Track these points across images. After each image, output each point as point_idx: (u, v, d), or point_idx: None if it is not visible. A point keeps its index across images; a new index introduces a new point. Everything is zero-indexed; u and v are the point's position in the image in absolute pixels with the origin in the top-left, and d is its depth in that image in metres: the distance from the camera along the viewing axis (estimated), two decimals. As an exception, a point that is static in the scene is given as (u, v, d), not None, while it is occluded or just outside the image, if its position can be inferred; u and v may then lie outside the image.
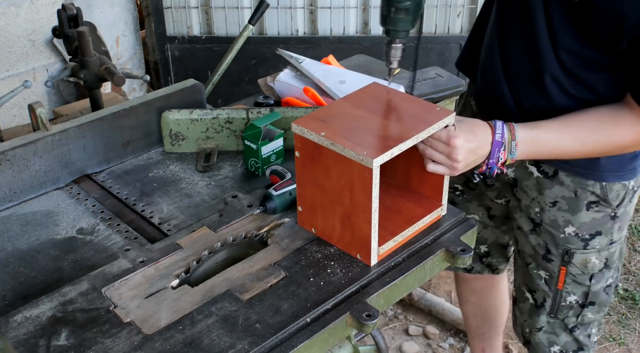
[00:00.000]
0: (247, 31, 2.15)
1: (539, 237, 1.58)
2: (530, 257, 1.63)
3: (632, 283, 2.83)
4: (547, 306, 1.63)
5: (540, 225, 1.56)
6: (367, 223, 1.16)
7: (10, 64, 2.66)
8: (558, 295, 1.60)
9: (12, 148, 1.51)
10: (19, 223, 1.47)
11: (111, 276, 1.19)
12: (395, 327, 2.65)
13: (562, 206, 1.52)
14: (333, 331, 1.11)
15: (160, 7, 3.36)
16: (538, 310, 1.65)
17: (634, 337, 2.60)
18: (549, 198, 1.52)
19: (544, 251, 1.58)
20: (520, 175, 1.56)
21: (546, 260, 1.59)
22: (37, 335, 1.07)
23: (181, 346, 1.05)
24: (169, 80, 3.51)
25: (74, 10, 2.06)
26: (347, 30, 3.39)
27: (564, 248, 1.54)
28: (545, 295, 1.62)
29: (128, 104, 1.70)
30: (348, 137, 1.16)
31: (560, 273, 1.57)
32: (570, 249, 1.54)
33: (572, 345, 1.66)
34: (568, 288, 1.58)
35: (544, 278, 1.61)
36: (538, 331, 1.67)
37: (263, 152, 1.58)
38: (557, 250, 1.56)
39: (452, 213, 1.36)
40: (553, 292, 1.60)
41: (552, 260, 1.58)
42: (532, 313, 1.68)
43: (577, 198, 1.49)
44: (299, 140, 1.22)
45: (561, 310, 1.62)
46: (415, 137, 1.18)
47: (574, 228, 1.52)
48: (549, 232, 1.55)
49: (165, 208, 1.51)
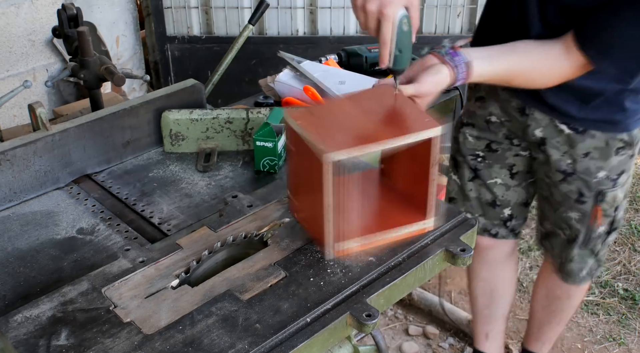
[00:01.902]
0: (247, 31, 2.15)
1: (571, 184, 1.73)
2: (560, 203, 1.78)
3: (632, 283, 2.83)
4: (579, 240, 1.81)
5: (573, 174, 1.72)
6: (322, 217, 1.16)
7: (10, 64, 2.67)
8: (589, 230, 1.78)
9: (12, 148, 1.51)
10: (19, 223, 1.47)
11: (111, 276, 1.19)
12: (395, 327, 2.65)
13: (594, 155, 1.67)
14: (333, 331, 1.11)
15: (160, 7, 3.36)
16: (571, 244, 1.84)
17: (634, 337, 2.60)
18: (582, 150, 1.67)
19: (576, 196, 1.74)
20: (550, 133, 1.70)
21: (579, 202, 1.75)
22: (37, 335, 1.07)
23: (181, 346, 1.05)
24: (169, 80, 3.51)
25: (74, 10, 2.06)
26: (347, 30, 3.39)
27: (597, 190, 1.72)
28: (577, 232, 1.80)
29: (128, 104, 1.70)
30: (320, 131, 1.14)
31: (595, 211, 1.75)
32: (603, 190, 1.72)
33: (595, 264, 1.90)
34: (600, 222, 1.77)
35: (576, 218, 1.78)
36: (571, 262, 1.88)
37: (278, 148, 1.59)
38: (590, 193, 1.72)
39: (452, 214, 1.36)
40: (585, 227, 1.79)
41: (585, 202, 1.75)
42: (564, 246, 1.87)
43: (608, 147, 1.66)
44: (288, 129, 1.22)
45: (592, 241, 1.82)
46: (382, 142, 1.14)
47: (605, 172, 1.69)
48: (581, 179, 1.71)
49: (165, 208, 1.51)
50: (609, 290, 2.80)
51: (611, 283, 2.82)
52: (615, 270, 2.90)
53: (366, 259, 1.23)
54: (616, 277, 2.86)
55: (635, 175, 3.52)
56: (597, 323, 2.66)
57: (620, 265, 2.93)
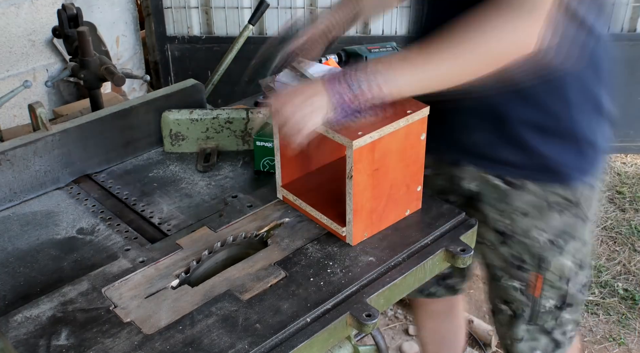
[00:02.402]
0: (247, 31, 2.15)
1: (511, 248, 1.53)
2: (501, 269, 1.58)
3: (632, 283, 2.83)
4: (525, 315, 1.59)
5: (513, 236, 1.51)
6: None
7: (10, 64, 2.67)
8: (536, 303, 1.56)
9: (12, 148, 1.51)
10: (19, 223, 1.47)
11: (111, 276, 1.19)
12: (395, 327, 2.65)
13: (533, 215, 1.46)
14: (333, 331, 1.11)
15: (160, 7, 3.36)
16: (517, 320, 1.61)
17: (634, 337, 2.60)
18: (519, 209, 1.47)
19: (518, 262, 1.53)
20: (484, 188, 1.50)
21: (521, 270, 1.54)
22: (37, 335, 1.07)
23: (181, 346, 1.05)
24: (169, 80, 3.51)
25: (74, 10, 2.06)
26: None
27: (540, 257, 1.50)
28: (522, 305, 1.58)
29: (128, 104, 1.70)
30: None
31: (538, 281, 1.53)
32: (546, 256, 1.49)
33: (550, 345, 1.63)
34: (546, 294, 1.55)
35: (520, 289, 1.56)
36: (519, 342, 1.64)
37: None
38: (532, 259, 1.51)
39: (452, 214, 1.36)
40: (531, 300, 1.56)
41: (527, 270, 1.53)
42: (510, 324, 1.63)
43: (549, 205, 1.45)
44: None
45: (540, 317, 1.58)
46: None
47: (547, 235, 1.47)
48: (521, 242, 1.50)
49: (165, 208, 1.51)
50: (609, 290, 2.80)
51: (611, 283, 2.82)
52: (615, 270, 2.90)
53: (366, 259, 1.23)
54: (616, 277, 2.86)
55: (636, 175, 3.52)
56: (597, 323, 2.66)
57: (620, 265, 2.93)
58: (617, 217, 3.21)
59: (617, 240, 3.07)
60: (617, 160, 3.66)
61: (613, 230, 3.13)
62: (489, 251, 1.57)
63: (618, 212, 3.24)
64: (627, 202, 3.31)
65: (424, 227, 1.32)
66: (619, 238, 3.08)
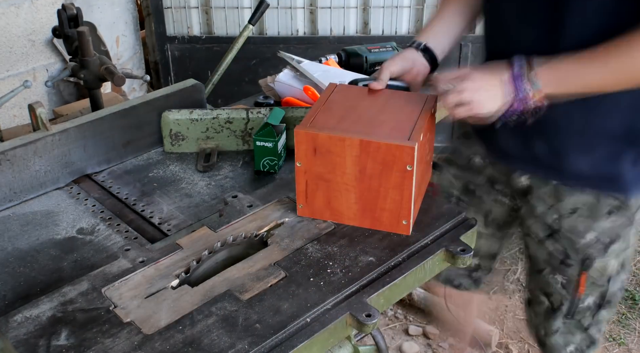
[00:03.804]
0: (247, 31, 2.15)
1: (557, 243, 1.55)
2: (544, 262, 1.60)
3: (632, 283, 2.83)
4: (564, 309, 1.61)
5: (559, 231, 1.53)
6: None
7: (10, 64, 2.67)
8: (576, 298, 1.58)
9: (12, 148, 1.51)
10: (19, 223, 1.47)
11: (111, 276, 1.19)
12: (395, 327, 2.65)
13: (582, 213, 1.49)
14: (333, 331, 1.11)
15: (160, 7, 3.36)
16: (554, 313, 1.63)
17: (634, 337, 2.60)
18: (569, 205, 1.49)
19: (562, 256, 1.55)
20: (536, 182, 1.54)
21: (565, 265, 1.56)
22: (37, 335, 1.07)
23: (181, 346, 1.05)
24: (169, 80, 3.51)
25: (74, 10, 2.06)
26: (347, 30, 3.39)
27: (585, 254, 1.52)
28: (562, 299, 1.60)
29: (128, 104, 1.70)
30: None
31: (581, 278, 1.55)
32: (591, 255, 1.52)
33: (585, 341, 1.66)
34: (587, 291, 1.57)
35: (561, 283, 1.59)
36: (554, 333, 1.66)
37: (278, 148, 1.59)
38: (577, 256, 1.53)
39: (452, 214, 1.36)
40: (571, 295, 1.58)
41: (571, 265, 1.55)
42: (547, 316, 1.66)
43: (599, 205, 1.47)
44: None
45: (578, 312, 1.61)
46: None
47: (595, 234, 1.49)
48: (568, 238, 1.52)
49: (165, 208, 1.51)
50: (609, 290, 2.80)
51: (611, 283, 2.82)
52: (615, 270, 2.90)
53: (366, 259, 1.23)
54: (616, 277, 2.86)
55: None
56: (597, 323, 2.66)
57: (620, 265, 2.93)
58: (617, 217, 3.20)
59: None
60: (617, 160, 3.66)
61: (613, 230, 3.13)
62: (534, 243, 1.61)
63: (618, 212, 3.24)
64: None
65: (424, 227, 1.32)
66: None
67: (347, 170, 1.26)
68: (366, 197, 1.28)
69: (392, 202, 1.27)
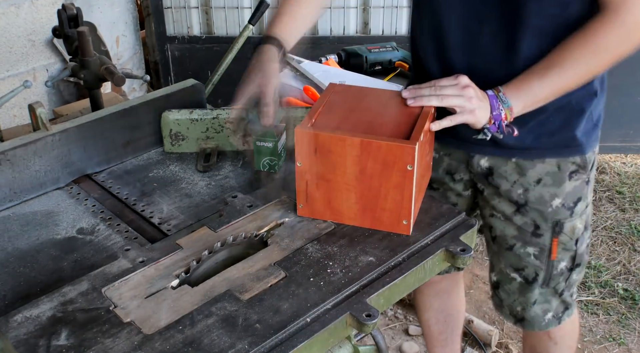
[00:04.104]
0: (247, 31, 2.15)
1: (525, 216, 1.60)
2: (514, 238, 1.64)
3: (632, 283, 2.83)
4: (539, 279, 1.66)
5: (526, 205, 1.59)
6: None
7: (10, 64, 2.67)
8: (550, 266, 1.64)
9: (12, 148, 1.51)
10: (19, 223, 1.47)
11: (111, 276, 1.19)
12: (395, 327, 2.65)
13: (547, 181, 1.55)
14: (333, 331, 1.11)
15: (160, 7, 3.36)
16: (530, 285, 1.68)
17: (634, 337, 2.60)
18: (532, 177, 1.55)
19: (532, 228, 1.61)
20: (497, 162, 1.57)
21: (536, 236, 1.61)
22: (37, 335, 1.07)
23: (181, 346, 1.05)
24: (169, 80, 3.51)
25: (74, 10, 2.07)
26: (347, 30, 3.39)
27: (554, 220, 1.58)
28: (537, 269, 1.65)
29: (128, 104, 1.70)
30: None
31: (553, 244, 1.61)
32: (560, 220, 1.58)
33: (561, 307, 1.72)
34: (559, 257, 1.63)
35: (533, 254, 1.64)
36: (533, 305, 1.70)
37: (278, 148, 1.59)
38: (547, 224, 1.59)
39: (452, 214, 1.36)
40: (545, 264, 1.64)
41: (541, 235, 1.61)
42: (523, 290, 1.70)
43: (561, 171, 1.54)
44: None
45: (553, 279, 1.66)
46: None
47: (560, 200, 1.56)
48: (536, 209, 1.58)
49: (165, 208, 1.51)
50: (608, 290, 2.80)
51: (611, 283, 2.82)
52: (615, 270, 2.90)
53: (366, 259, 1.23)
54: (616, 277, 2.86)
55: (635, 175, 3.52)
56: (597, 323, 2.66)
57: (620, 265, 2.93)
58: (617, 217, 3.21)
59: (617, 240, 3.07)
60: (617, 160, 3.66)
61: (613, 230, 3.13)
62: (501, 222, 1.65)
63: (618, 212, 3.24)
64: (627, 202, 3.31)
65: (424, 227, 1.32)
66: (619, 238, 3.08)
67: (347, 170, 1.27)
68: (366, 196, 1.28)
69: (393, 201, 1.27)
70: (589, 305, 2.73)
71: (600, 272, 2.88)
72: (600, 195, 3.36)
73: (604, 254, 2.98)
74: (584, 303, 2.74)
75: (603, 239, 3.07)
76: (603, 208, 3.27)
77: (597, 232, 3.11)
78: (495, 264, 1.75)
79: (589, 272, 2.87)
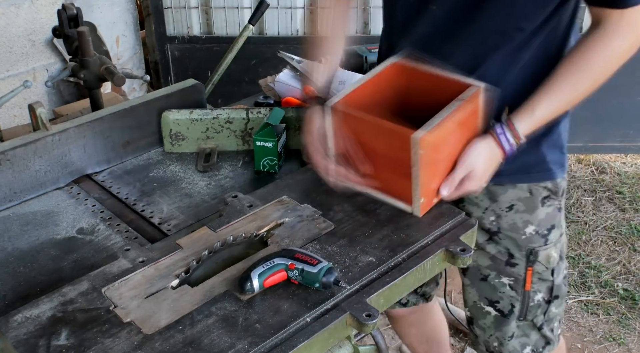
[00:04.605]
0: (247, 31, 2.15)
1: (498, 245, 1.55)
2: (487, 268, 1.59)
3: (632, 283, 2.83)
4: (515, 311, 1.60)
5: (498, 232, 1.54)
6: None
7: (10, 64, 2.67)
8: (526, 297, 1.58)
9: (12, 148, 1.51)
10: (19, 223, 1.47)
11: (111, 276, 1.19)
12: (395, 327, 2.65)
13: (519, 208, 1.51)
14: (333, 331, 1.11)
15: (160, 7, 3.36)
16: (507, 318, 1.62)
17: (634, 337, 2.60)
18: (504, 203, 1.51)
19: (506, 257, 1.56)
20: None
21: (510, 265, 1.56)
22: (37, 335, 1.07)
23: (181, 346, 1.05)
24: (169, 80, 3.51)
25: (74, 10, 2.07)
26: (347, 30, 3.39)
27: (528, 249, 1.54)
28: (512, 301, 1.60)
29: (128, 104, 1.70)
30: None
31: (527, 274, 1.56)
32: (534, 248, 1.54)
33: (541, 341, 1.65)
34: (535, 287, 1.57)
35: (509, 284, 1.58)
36: (510, 339, 1.64)
37: (278, 148, 1.59)
38: (521, 252, 1.54)
39: (452, 214, 1.36)
40: (521, 295, 1.58)
41: (516, 264, 1.56)
42: (498, 324, 1.64)
43: (533, 196, 1.50)
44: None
45: (530, 311, 1.60)
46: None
47: (533, 227, 1.52)
48: (509, 237, 1.54)
49: (165, 208, 1.51)
50: (608, 290, 2.80)
51: (611, 283, 2.82)
52: (615, 270, 2.90)
53: (366, 259, 1.23)
54: (616, 277, 2.86)
55: (635, 175, 3.52)
56: (597, 323, 2.66)
57: (620, 265, 2.93)
58: (617, 217, 3.21)
59: (617, 240, 3.07)
60: (617, 160, 3.66)
61: (613, 230, 3.13)
62: (474, 252, 1.56)
63: (618, 212, 3.24)
64: (627, 202, 3.31)
65: (424, 227, 1.32)
66: (619, 238, 3.08)
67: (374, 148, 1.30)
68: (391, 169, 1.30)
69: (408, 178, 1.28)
70: (589, 305, 2.73)
71: (600, 272, 2.88)
72: (600, 195, 3.36)
73: (604, 254, 2.98)
74: (584, 303, 2.74)
75: (603, 239, 3.07)
76: (603, 208, 3.27)
77: (597, 232, 3.11)
78: (467, 299, 1.69)
79: (589, 272, 2.88)
